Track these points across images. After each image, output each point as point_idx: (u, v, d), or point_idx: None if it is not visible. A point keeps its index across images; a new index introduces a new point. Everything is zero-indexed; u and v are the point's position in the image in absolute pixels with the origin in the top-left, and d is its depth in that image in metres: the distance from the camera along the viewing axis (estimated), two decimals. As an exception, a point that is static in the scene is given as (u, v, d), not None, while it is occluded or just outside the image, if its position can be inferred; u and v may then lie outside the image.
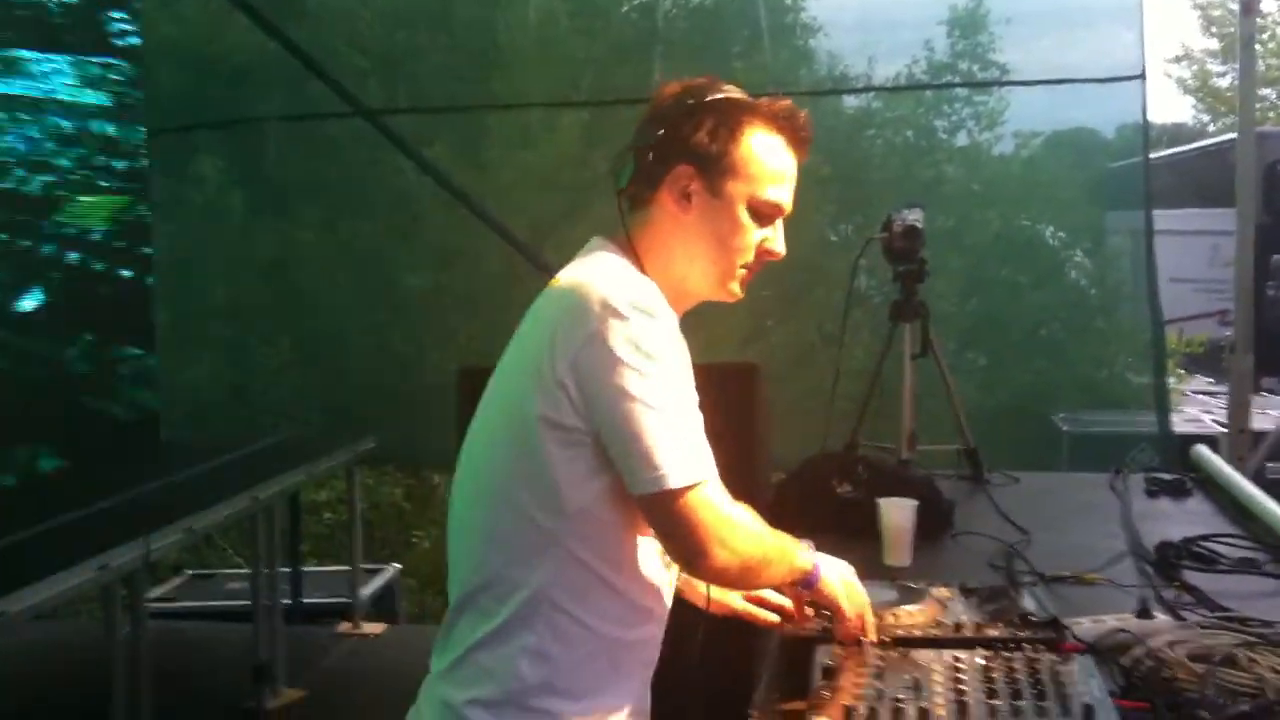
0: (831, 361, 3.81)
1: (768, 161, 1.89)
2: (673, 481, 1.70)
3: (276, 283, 6.02)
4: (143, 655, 3.89)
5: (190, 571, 6.84)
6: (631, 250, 1.88)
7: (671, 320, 1.78)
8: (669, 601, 1.92)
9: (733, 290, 1.94)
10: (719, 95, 1.89)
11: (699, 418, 1.77)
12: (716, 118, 1.87)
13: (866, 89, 5.71)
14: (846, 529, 2.81)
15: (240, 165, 6.08)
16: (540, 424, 1.73)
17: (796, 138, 1.91)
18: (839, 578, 1.98)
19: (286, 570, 5.70)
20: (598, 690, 1.82)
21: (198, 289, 6.12)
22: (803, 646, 2.00)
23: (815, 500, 3.11)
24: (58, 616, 5.92)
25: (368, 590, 6.20)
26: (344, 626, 5.90)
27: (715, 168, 1.87)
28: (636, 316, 1.71)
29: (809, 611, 2.06)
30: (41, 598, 3.33)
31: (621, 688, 1.86)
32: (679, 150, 1.87)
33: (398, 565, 6.96)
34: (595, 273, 1.80)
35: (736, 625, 2.06)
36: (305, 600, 6.03)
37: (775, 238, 1.93)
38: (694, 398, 1.77)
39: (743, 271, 1.93)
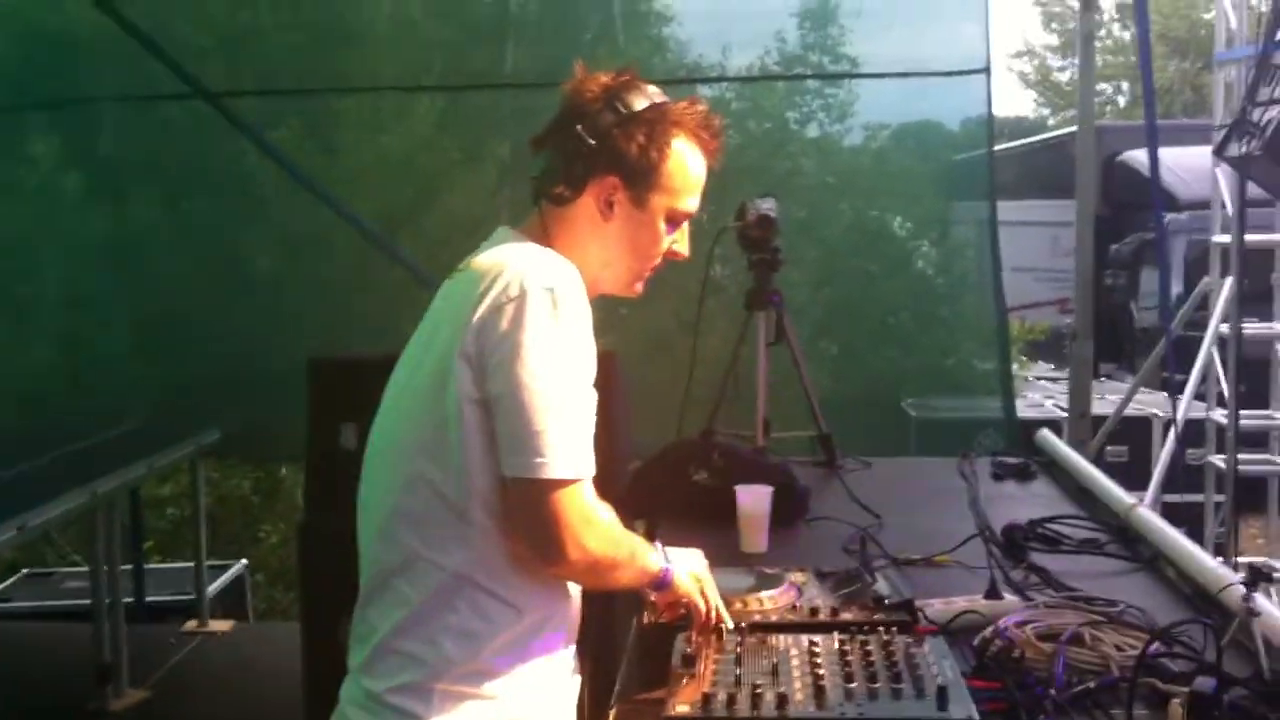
0: (687, 349, 3.82)
1: (689, 174, 1.90)
2: (550, 472, 1.68)
3: (114, 267, 5.78)
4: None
5: (26, 570, 6.59)
6: (547, 243, 1.84)
7: (586, 312, 1.76)
8: None
9: (637, 289, 1.96)
10: (649, 104, 1.86)
11: (591, 416, 1.75)
12: (647, 132, 1.85)
13: (720, 79, 5.74)
14: (703, 516, 2.83)
15: (74, 146, 5.82)
16: (458, 400, 1.71)
17: (713, 146, 1.93)
18: (690, 575, 1.96)
19: (128, 568, 5.52)
20: (526, 667, 1.79)
21: (30, 273, 5.85)
22: (662, 634, 1.99)
23: (672, 487, 3.12)
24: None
25: (214, 587, 6.03)
26: (190, 624, 5.73)
27: (643, 182, 1.86)
28: (552, 300, 1.70)
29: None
30: None
31: (549, 663, 1.84)
32: (608, 162, 1.85)
33: (245, 561, 6.79)
34: (518, 254, 1.77)
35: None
36: (149, 598, 5.89)
37: (682, 239, 1.96)
38: (591, 395, 1.75)
39: (648, 273, 1.95)
